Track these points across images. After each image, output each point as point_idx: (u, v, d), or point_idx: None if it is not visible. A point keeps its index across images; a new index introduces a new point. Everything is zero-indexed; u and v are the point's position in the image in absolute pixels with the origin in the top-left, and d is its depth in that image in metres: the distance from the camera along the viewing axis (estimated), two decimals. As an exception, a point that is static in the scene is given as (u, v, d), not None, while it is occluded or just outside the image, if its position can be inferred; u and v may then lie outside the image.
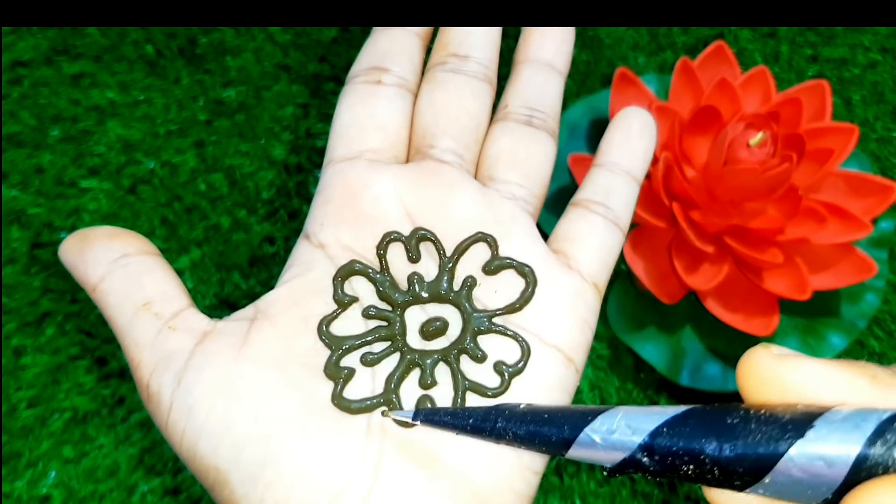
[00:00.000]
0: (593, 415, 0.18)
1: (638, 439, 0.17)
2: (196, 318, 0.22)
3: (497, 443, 0.20)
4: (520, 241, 0.23)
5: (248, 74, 0.41)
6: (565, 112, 0.38)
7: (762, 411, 0.16)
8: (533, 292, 0.23)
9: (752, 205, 0.32)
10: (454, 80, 0.25)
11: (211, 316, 0.23)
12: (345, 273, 0.22)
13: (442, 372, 0.22)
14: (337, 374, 0.21)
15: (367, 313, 0.22)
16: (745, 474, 0.16)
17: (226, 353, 0.21)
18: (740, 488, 0.16)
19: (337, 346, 0.21)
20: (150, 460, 0.34)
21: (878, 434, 0.14)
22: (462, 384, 0.21)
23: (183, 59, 0.41)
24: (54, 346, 0.35)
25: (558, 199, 0.30)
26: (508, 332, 0.22)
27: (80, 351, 0.35)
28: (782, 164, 0.31)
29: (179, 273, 0.36)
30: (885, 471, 0.14)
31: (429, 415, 0.21)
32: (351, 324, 0.22)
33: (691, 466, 0.16)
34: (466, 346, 0.22)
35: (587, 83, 0.41)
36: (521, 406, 0.20)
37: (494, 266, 0.23)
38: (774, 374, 0.16)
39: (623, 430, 0.17)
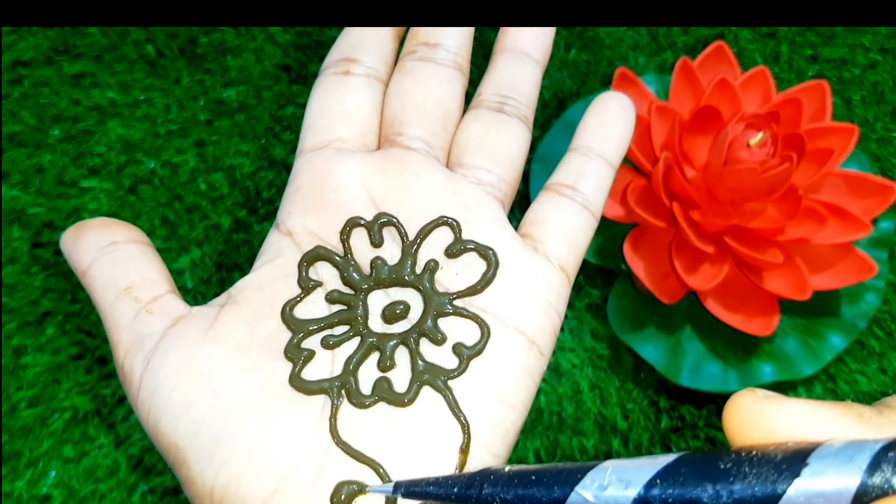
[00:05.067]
0: (582, 472, 0.17)
1: (632, 493, 0.16)
2: (173, 303, 0.23)
3: None
4: (485, 225, 0.23)
5: (249, 74, 0.41)
6: (565, 112, 0.38)
7: (753, 453, 0.16)
8: (494, 274, 0.23)
9: (752, 205, 0.32)
10: (423, 69, 0.25)
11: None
12: (309, 258, 0.23)
13: (401, 354, 0.22)
14: (297, 355, 0.21)
15: (330, 297, 0.23)
16: None
17: (193, 336, 0.22)
18: None
19: (298, 328, 0.22)
20: (151, 460, 0.34)
21: (875, 465, 0.14)
22: (420, 366, 0.21)
23: (183, 59, 0.41)
24: (55, 345, 0.35)
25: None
26: (468, 314, 0.22)
27: (81, 350, 0.35)
28: (782, 164, 0.31)
29: (180, 273, 0.37)
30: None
31: (409, 486, 0.20)
32: (315, 308, 0.23)
33: None
34: (426, 329, 0.22)
35: (587, 83, 0.41)
36: (507, 469, 0.19)
37: (456, 249, 0.23)
38: (760, 415, 0.16)
39: (615, 484, 0.17)
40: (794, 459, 0.15)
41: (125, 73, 0.40)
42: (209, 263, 0.37)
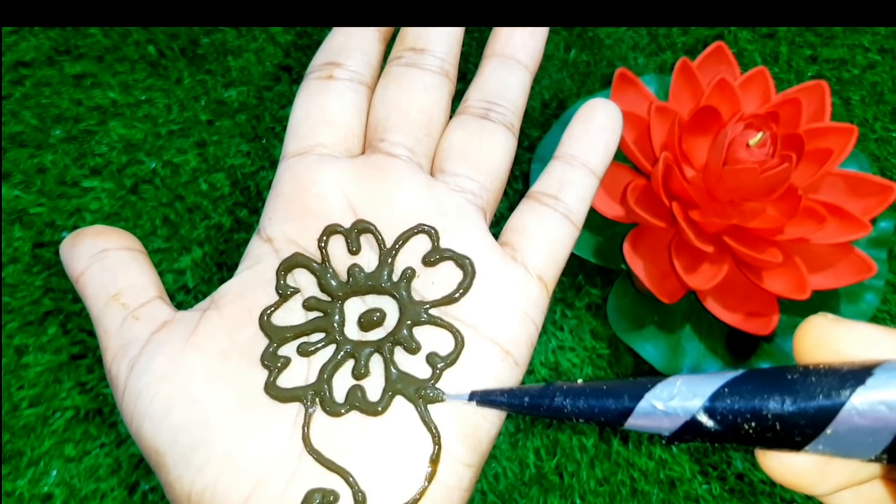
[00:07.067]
0: (652, 383, 0.18)
1: (699, 402, 0.17)
2: (160, 309, 0.23)
3: (554, 418, 0.20)
4: (464, 233, 0.23)
5: (250, 75, 0.41)
6: (565, 112, 0.38)
7: (820, 367, 0.16)
8: (470, 284, 0.23)
9: (752, 205, 0.32)
10: (408, 74, 0.25)
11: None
12: (287, 265, 0.23)
13: (376, 362, 0.22)
14: (273, 363, 0.22)
15: (307, 304, 0.23)
16: (807, 427, 0.16)
17: (175, 342, 0.22)
18: (801, 445, 0.16)
19: (275, 336, 0.22)
20: (152, 459, 0.34)
21: None
22: (393, 375, 0.22)
23: (185, 59, 0.41)
24: (56, 345, 0.36)
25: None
26: (442, 323, 0.22)
27: (82, 350, 0.36)
28: (782, 164, 0.31)
29: (181, 272, 0.37)
30: None
31: (485, 395, 0.21)
32: (293, 315, 0.23)
33: (753, 424, 0.16)
34: (401, 338, 0.22)
35: (587, 83, 0.41)
36: (579, 382, 0.20)
37: (433, 258, 0.23)
38: (829, 336, 0.17)
39: (683, 394, 0.17)
40: (860, 372, 0.16)
41: (126, 74, 0.40)
42: (210, 263, 0.37)
